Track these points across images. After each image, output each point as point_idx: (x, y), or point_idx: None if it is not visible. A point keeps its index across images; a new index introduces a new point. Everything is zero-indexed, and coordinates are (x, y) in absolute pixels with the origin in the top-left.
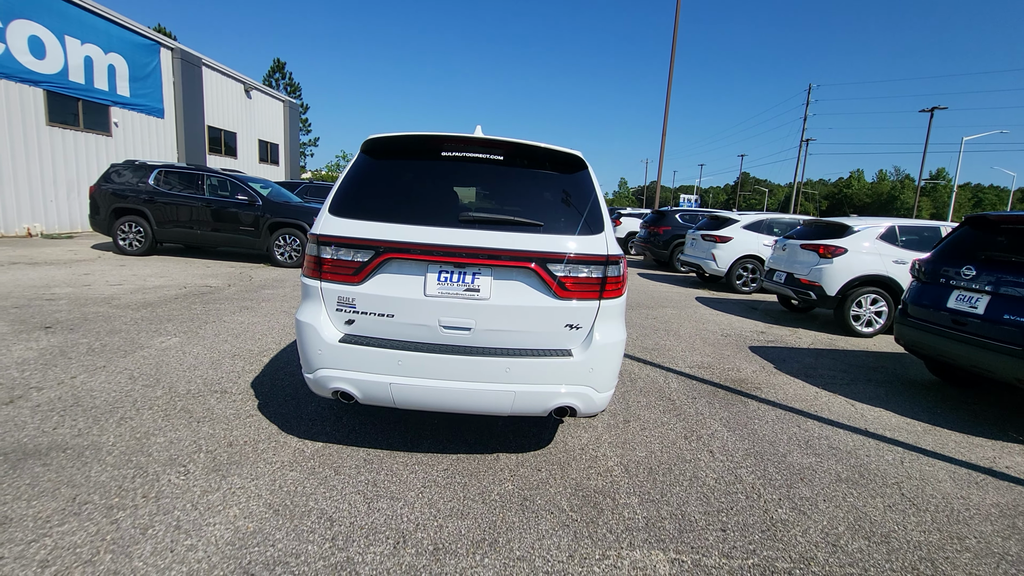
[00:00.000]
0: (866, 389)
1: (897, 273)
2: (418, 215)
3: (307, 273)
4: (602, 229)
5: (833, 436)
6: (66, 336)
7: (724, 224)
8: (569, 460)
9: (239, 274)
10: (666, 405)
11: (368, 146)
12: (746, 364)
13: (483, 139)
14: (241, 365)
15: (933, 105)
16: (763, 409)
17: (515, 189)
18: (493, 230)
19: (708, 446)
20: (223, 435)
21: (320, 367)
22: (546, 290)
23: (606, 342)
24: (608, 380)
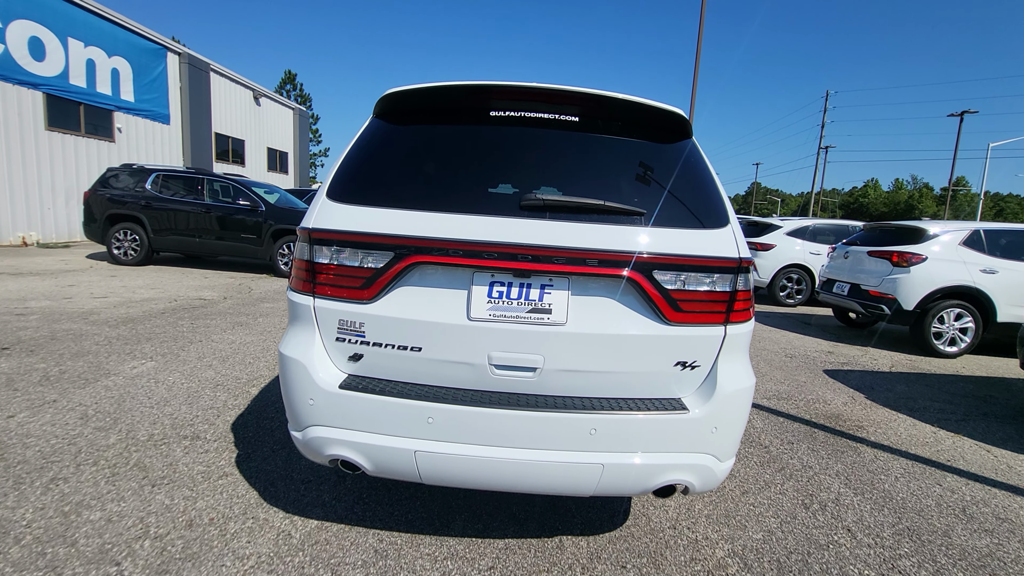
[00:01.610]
0: (990, 427)
1: (985, 284)
2: (458, 200)
3: (296, 285)
4: (727, 221)
5: (991, 500)
6: (21, 360)
7: (765, 230)
8: (661, 548)
9: (238, 285)
10: (761, 455)
11: (385, 106)
12: (831, 394)
13: (549, 90)
14: (223, 398)
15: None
16: (882, 458)
17: (596, 162)
18: (571, 220)
19: (841, 520)
20: (182, 508)
21: (311, 423)
22: (650, 311)
23: (734, 388)
24: (734, 443)
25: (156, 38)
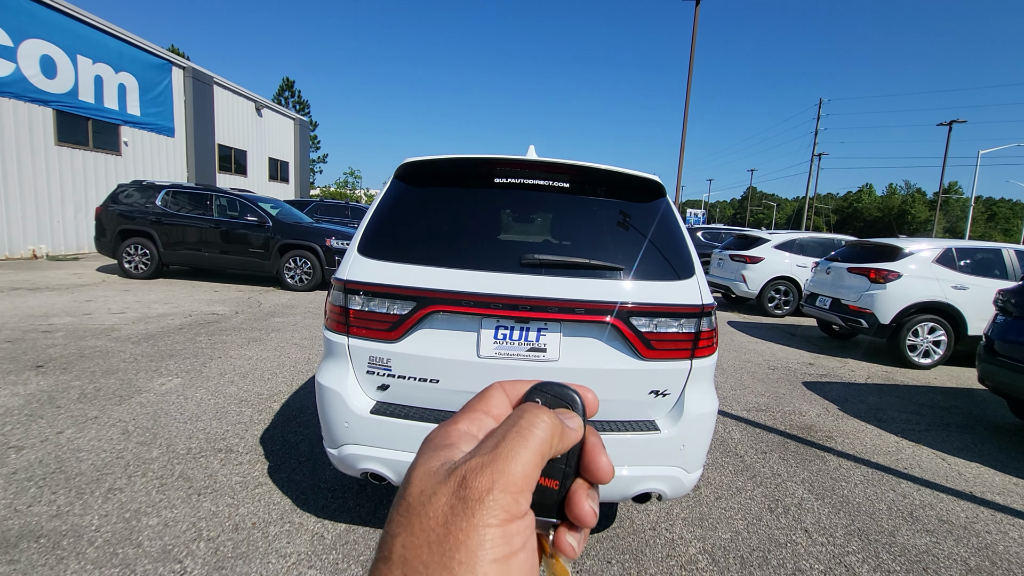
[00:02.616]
0: (950, 437)
1: (957, 299)
2: (469, 257)
3: (331, 326)
4: (693, 272)
5: (938, 504)
6: (58, 378)
7: (754, 244)
8: (642, 546)
9: (247, 299)
10: (736, 463)
11: (404, 171)
12: (807, 405)
13: (543, 162)
14: (249, 414)
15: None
16: (845, 466)
17: (584, 223)
18: (563, 276)
19: (800, 522)
20: (227, 514)
21: (346, 443)
22: (628, 349)
23: (699, 412)
24: (700, 458)
25: (161, 53)
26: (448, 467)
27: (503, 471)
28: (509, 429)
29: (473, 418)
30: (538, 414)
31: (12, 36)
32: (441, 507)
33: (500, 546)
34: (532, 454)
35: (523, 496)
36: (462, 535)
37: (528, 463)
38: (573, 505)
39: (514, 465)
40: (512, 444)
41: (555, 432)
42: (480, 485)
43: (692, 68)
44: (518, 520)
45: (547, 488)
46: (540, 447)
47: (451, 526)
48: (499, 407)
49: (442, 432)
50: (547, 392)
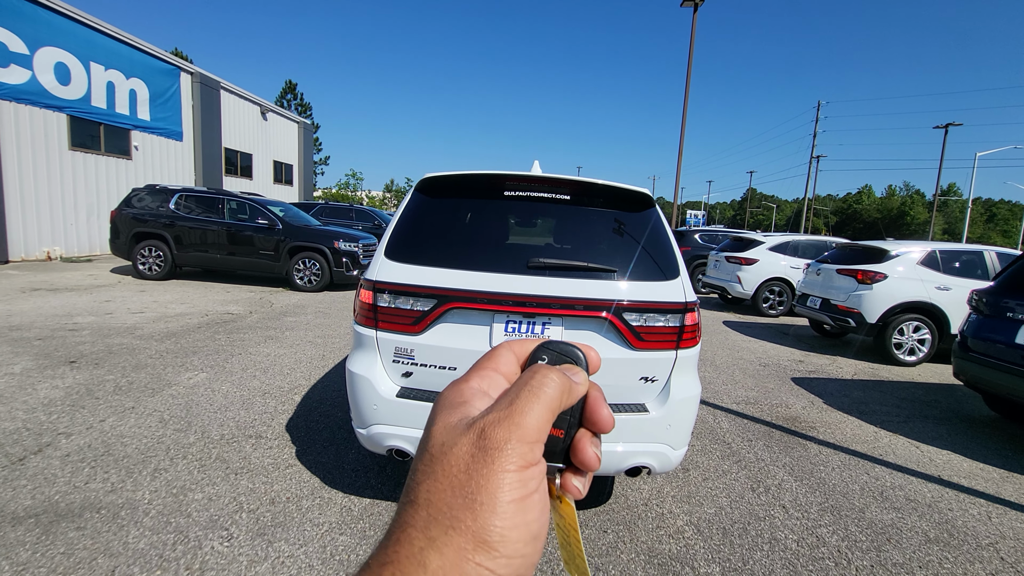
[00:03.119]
0: (926, 428)
1: (940, 300)
2: (482, 260)
3: (361, 321)
4: (678, 273)
5: (907, 486)
6: (92, 372)
7: (749, 246)
8: (635, 519)
9: (259, 300)
10: (723, 450)
11: (423, 185)
12: (794, 399)
13: (547, 177)
14: (273, 404)
15: (947, 121)
16: (825, 453)
17: (582, 230)
18: (563, 277)
19: (779, 500)
20: (263, 490)
21: (375, 423)
22: (621, 341)
23: (683, 396)
24: (684, 437)
25: (170, 59)
26: (467, 421)
27: (519, 424)
28: (522, 387)
29: (484, 375)
30: (548, 373)
31: (28, 44)
32: (463, 456)
33: (517, 488)
34: (544, 409)
35: (537, 446)
36: (482, 479)
37: (541, 417)
38: (578, 451)
39: (528, 419)
40: (526, 400)
41: (564, 389)
42: (498, 436)
43: (690, 72)
44: (533, 467)
45: (555, 437)
46: (551, 403)
47: (472, 472)
48: (507, 365)
49: (456, 390)
50: (553, 350)
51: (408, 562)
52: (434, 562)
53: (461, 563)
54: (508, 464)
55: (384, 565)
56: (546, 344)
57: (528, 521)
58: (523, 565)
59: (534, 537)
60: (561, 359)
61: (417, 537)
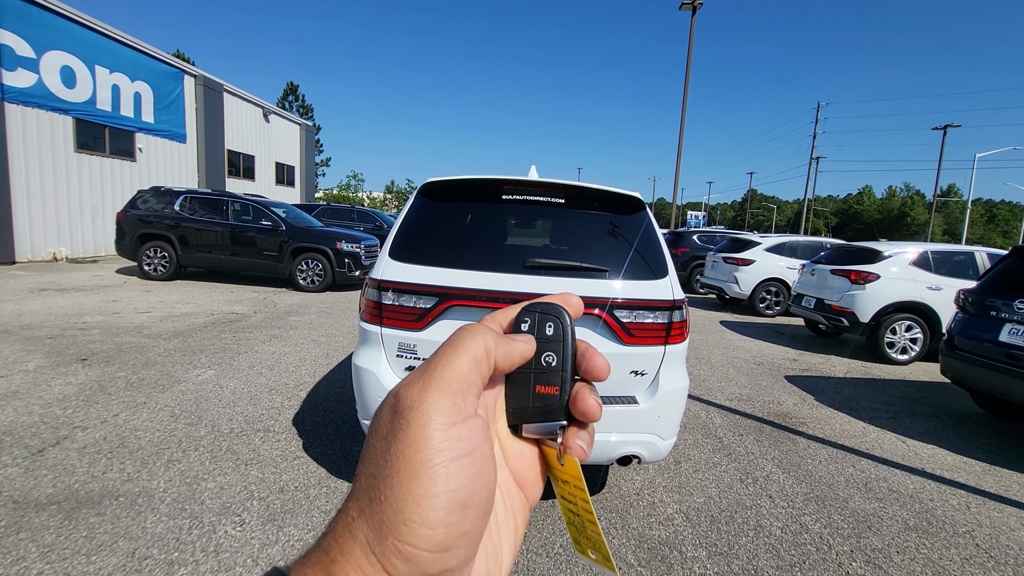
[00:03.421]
0: (913, 423)
1: (932, 299)
2: (481, 260)
3: (366, 318)
4: (666, 273)
5: (891, 478)
6: (103, 369)
7: (746, 247)
8: (627, 507)
9: (263, 300)
10: (714, 443)
11: (425, 189)
12: (786, 396)
13: (543, 182)
14: (279, 400)
15: (946, 123)
16: (813, 447)
17: (576, 232)
18: (557, 276)
19: (766, 490)
20: (273, 480)
21: None
22: (612, 336)
23: (672, 388)
24: (673, 427)
25: (174, 62)
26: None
27: (434, 376)
28: (442, 346)
29: None
30: (468, 327)
31: (35, 48)
32: (383, 423)
33: (441, 451)
34: (463, 358)
35: (463, 398)
36: (400, 444)
37: (460, 366)
38: (578, 402)
39: (445, 370)
40: (441, 354)
41: (487, 337)
42: (411, 395)
43: (688, 74)
44: (463, 423)
45: (548, 395)
46: (471, 351)
47: (390, 437)
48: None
49: (418, 367)
50: (534, 311)
51: (343, 532)
52: (362, 532)
53: (382, 535)
54: (428, 424)
55: (324, 536)
56: (528, 306)
57: (452, 488)
58: (449, 535)
59: (461, 505)
60: (544, 317)
61: (351, 507)
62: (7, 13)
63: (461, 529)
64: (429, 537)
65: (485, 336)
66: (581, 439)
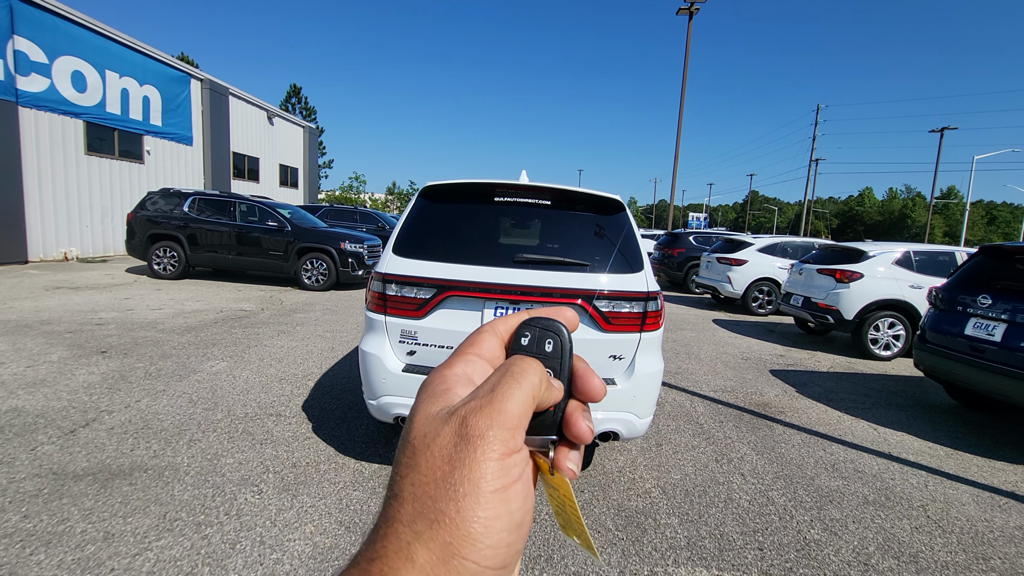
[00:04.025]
0: (887, 413)
1: (914, 297)
2: (475, 256)
3: (372, 308)
4: (642, 267)
5: (858, 460)
6: (122, 360)
7: (739, 247)
8: (609, 482)
9: (270, 298)
10: (695, 429)
11: (425, 191)
12: (768, 388)
13: (531, 185)
14: (289, 389)
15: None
16: (789, 433)
17: (561, 230)
18: (544, 270)
19: (739, 469)
20: (286, 457)
21: (384, 394)
22: (592, 324)
23: (647, 371)
24: (648, 407)
25: (181, 67)
26: (448, 410)
27: (500, 410)
28: (503, 375)
29: (467, 359)
30: (529, 363)
31: (47, 54)
32: (444, 446)
33: (500, 478)
34: (524, 395)
35: (518, 433)
36: (465, 470)
37: (521, 403)
38: (571, 424)
39: (509, 404)
40: (507, 387)
41: (543, 379)
42: (480, 424)
43: (686, 78)
44: (515, 454)
45: (545, 411)
46: (532, 390)
47: (455, 462)
48: (490, 349)
49: (438, 377)
50: (535, 326)
51: (396, 557)
52: (421, 556)
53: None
54: (490, 452)
55: (372, 561)
56: (528, 321)
57: (512, 510)
58: (508, 554)
59: (518, 525)
60: (544, 334)
61: (404, 532)
62: (21, 20)
63: (516, 548)
64: (492, 556)
65: (541, 375)
66: (572, 460)
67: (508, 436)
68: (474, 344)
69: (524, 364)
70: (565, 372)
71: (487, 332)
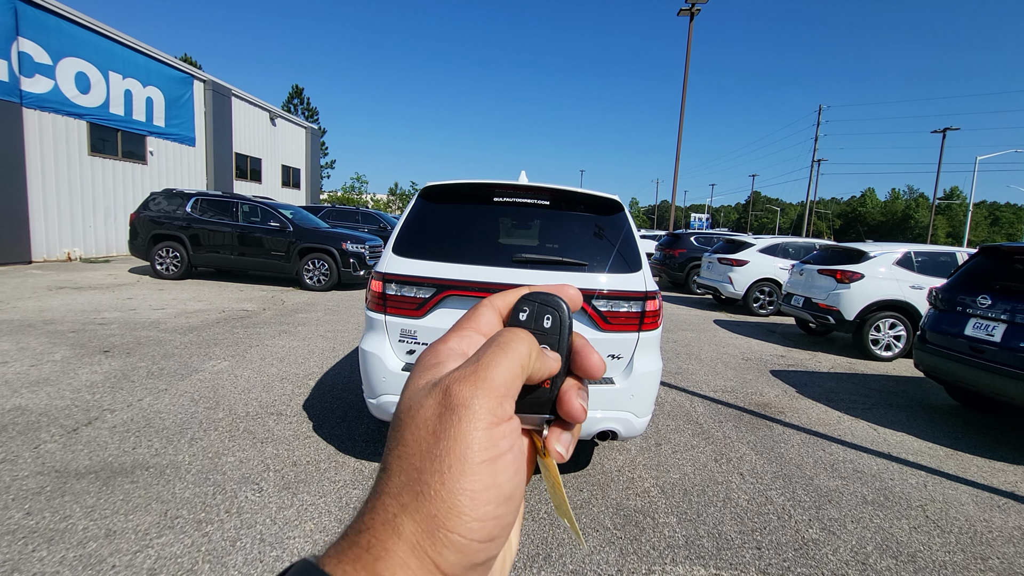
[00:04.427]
0: (887, 413)
1: (914, 298)
2: (474, 255)
3: (372, 307)
4: (640, 267)
5: (857, 460)
6: (125, 359)
7: (740, 248)
8: (608, 481)
9: (271, 298)
10: (694, 429)
11: (425, 192)
12: (768, 388)
13: (530, 186)
14: (290, 388)
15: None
16: (788, 433)
17: (560, 230)
18: (543, 270)
19: (738, 469)
20: (287, 455)
21: (384, 393)
22: (591, 323)
23: (645, 371)
24: (647, 406)
25: (184, 68)
26: (433, 381)
27: (485, 378)
28: (490, 345)
29: (463, 335)
30: (517, 332)
31: (51, 55)
32: (429, 417)
33: (487, 448)
34: (512, 363)
35: (506, 401)
36: (450, 440)
37: (508, 371)
38: (564, 403)
39: (495, 372)
40: (493, 355)
41: (533, 348)
42: (463, 392)
43: (687, 79)
44: (503, 423)
45: (541, 388)
46: (520, 358)
47: (439, 433)
48: (488, 324)
49: (431, 351)
50: (534, 301)
51: (383, 528)
52: (407, 528)
53: (433, 529)
54: (476, 421)
55: (360, 532)
56: (527, 296)
57: (500, 483)
58: (496, 526)
59: (507, 498)
60: (543, 309)
61: (391, 504)
62: (26, 22)
63: (506, 520)
64: (479, 528)
65: (530, 345)
66: (562, 442)
67: (495, 405)
68: (471, 319)
69: (512, 334)
70: (564, 348)
71: (485, 307)
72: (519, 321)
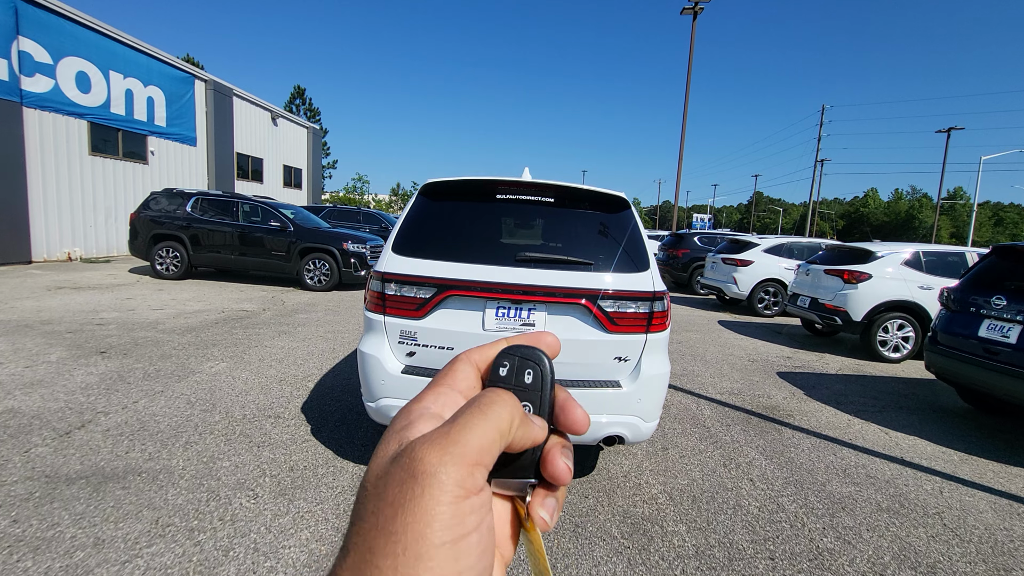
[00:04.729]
0: (899, 417)
1: (923, 298)
2: (476, 254)
3: (370, 308)
4: (648, 266)
5: (870, 465)
6: (121, 361)
7: (744, 248)
8: (614, 487)
9: (272, 298)
10: (702, 432)
11: (426, 189)
12: (776, 391)
13: (534, 183)
14: (289, 390)
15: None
16: (798, 437)
17: (565, 228)
18: (547, 269)
19: (748, 474)
20: (283, 460)
21: (383, 396)
22: (596, 325)
23: (653, 373)
24: (654, 410)
25: (186, 67)
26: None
27: (456, 442)
28: (469, 406)
29: (439, 392)
30: (500, 394)
31: (52, 55)
32: (391, 486)
33: (451, 527)
34: (490, 428)
35: (478, 470)
36: (409, 516)
37: (484, 435)
38: (548, 463)
39: (468, 436)
40: (469, 418)
41: (515, 412)
42: (430, 458)
43: (690, 79)
44: (473, 496)
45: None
46: (499, 423)
47: (398, 505)
48: (465, 380)
49: (403, 412)
50: (515, 355)
51: None
52: None
53: None
54: (442, 495)
55: None
56: (507, 350)
57: (461, 569)
58: None
59: None
60: (524, 363)
61: None
62: (26, 21)
63: None
64: None
65: (513, 409)
66: (546, 507)
67: (465, 474)
68: (447, 375)
69: (493, 395)
70: (546, 406)
71: (462, 362)
72: (499, 377)
